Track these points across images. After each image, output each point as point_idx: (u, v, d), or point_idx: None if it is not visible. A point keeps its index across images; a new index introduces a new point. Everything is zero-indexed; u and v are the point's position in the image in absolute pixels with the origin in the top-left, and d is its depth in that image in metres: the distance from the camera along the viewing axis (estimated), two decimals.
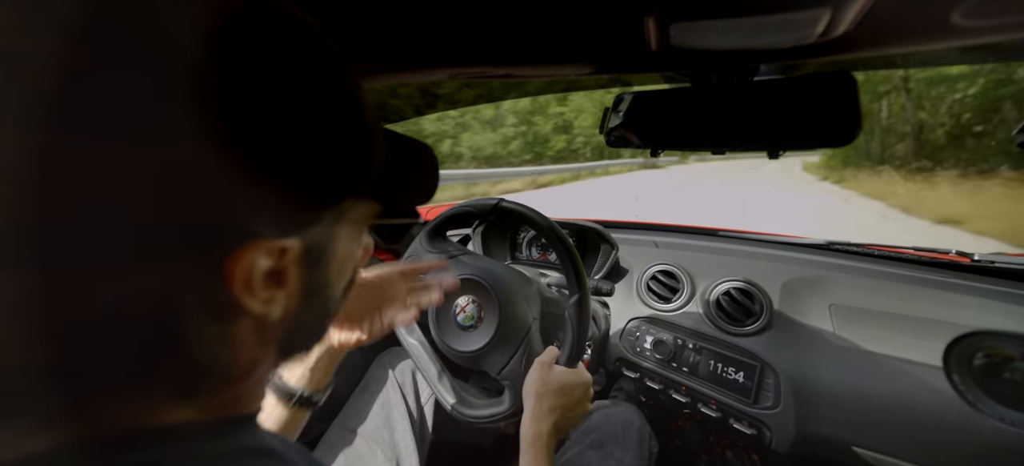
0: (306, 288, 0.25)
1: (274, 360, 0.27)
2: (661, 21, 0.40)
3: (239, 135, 0.18)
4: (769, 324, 0.82)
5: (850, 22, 0.37)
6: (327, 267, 0.26)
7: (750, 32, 0.42)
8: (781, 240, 1.04)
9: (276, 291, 0.22)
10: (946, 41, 0.40)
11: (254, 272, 0.20)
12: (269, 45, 0.19)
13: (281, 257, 0.21)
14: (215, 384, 0.23)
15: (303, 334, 0.28)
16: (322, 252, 0.25)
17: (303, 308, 0.25)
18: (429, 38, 0.51)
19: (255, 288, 0.20)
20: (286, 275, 0.22)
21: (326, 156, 0.22)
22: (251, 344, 0.23)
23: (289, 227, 0.21)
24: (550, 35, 0.49)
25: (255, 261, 0.20)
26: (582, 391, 0.57)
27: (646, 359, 0.91)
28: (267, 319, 0.22)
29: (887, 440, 0.69)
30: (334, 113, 0.22)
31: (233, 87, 0.18)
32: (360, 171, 0.24)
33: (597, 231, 1.08)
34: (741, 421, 0.80)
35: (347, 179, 0.24)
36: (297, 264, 0.23)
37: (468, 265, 0.72)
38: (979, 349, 0.67)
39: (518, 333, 0.66)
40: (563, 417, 0.55)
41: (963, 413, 0.64)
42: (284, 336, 0.26)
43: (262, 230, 0.20)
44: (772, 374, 0.78)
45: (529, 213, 0.67)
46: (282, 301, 0.23)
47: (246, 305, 0.21)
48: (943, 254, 0.86)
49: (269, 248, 0.20)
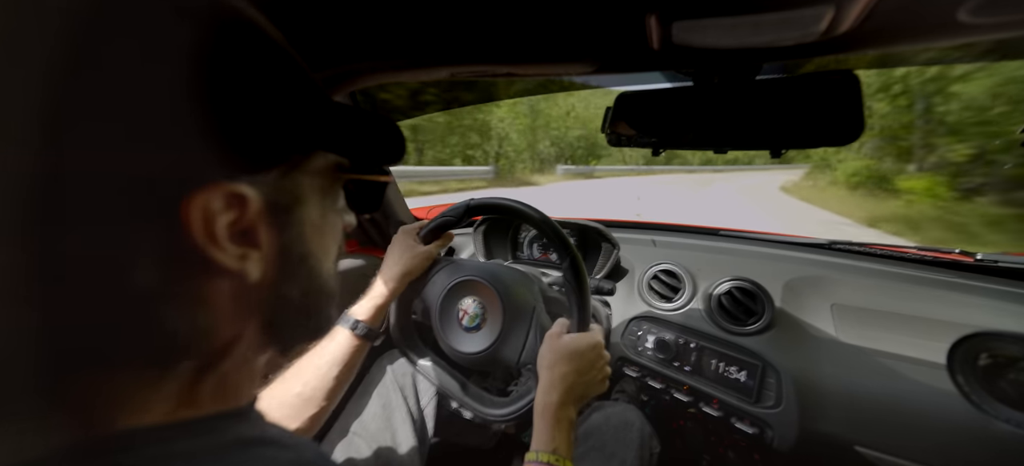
0: (282, 251, 0.25)
1: (262, 340, 0.26)
2: (663, 19, 0.40)
3: (184, 99, 0.19)
4: (771, 323, 0.82)
5: (853, 20, 0.36)
6: (301, 229, 0.26)
7: (752, 30, 0.42)
8: (783, 239, 1.04)
9: (248, 249, 0.22)
10: (952, 39, 0.40)
11: (216, 221, 0.20)
12: (221, 36, 0.20)
13: (242, 209, 0.21)
14: (195, 353, 0.22)
15: (293, 312, 0.27)
16: (289, 210, 0.25)
17: (284, 277, 0.25)
18: (430, 37, 0.51)
19: (219, 239, 0.20)
20: (256, 233, 0.23)
21: (262, 112, 0.22)
22: (229, 309, 0.23)
23: (238, 173, 0.22)
24: (552, 34, 0.49)
25: (211, 206, 0.20)
26: (593, 353, 0.55)
27: (648, 358, 0.91)
28: (244, 279, 0.22)
29: (890, 440, 0.69)
30: (267, 79, 0.23)
31: (186, 68, 0.19)
32: (298, 128, 0.25)
33: (598, 230, 1.07)
34: (743, 420, 0.80)
35: (288, 135, 0.24)
36: (264, 221, 0.23)
37: (461, 268, 0.71)
38: (984, 350, 0.66)
39: (525, 317, 0.66)
40: (579, 383, 0.53)
41: (967, 414, 0.64)
42: (270, 310, 0.26)
43: (211, 175, 0.20)
44: (774, 373, 0.78)
45: (504, 204, 0.66)
46: (257, 262, 0.23)
47: (214, 257, 0.21)
48: (946, 253, 0.86)
49: (224, 192, 0.20)
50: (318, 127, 0.26)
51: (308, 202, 0.26)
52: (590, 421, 0.75)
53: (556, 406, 0.50)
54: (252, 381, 0.28)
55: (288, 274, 0.26)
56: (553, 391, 0.51)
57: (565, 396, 0.51)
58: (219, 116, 0.20)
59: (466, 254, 1.20)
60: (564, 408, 0.50)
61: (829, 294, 0.83)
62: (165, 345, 0.21)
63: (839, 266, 0.88)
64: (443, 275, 0.72)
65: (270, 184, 0.23)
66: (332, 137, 0.27)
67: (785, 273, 0.88)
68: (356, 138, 0.29)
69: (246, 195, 0.21)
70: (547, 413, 0.50)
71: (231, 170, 0.21)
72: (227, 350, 0.24)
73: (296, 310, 0.27)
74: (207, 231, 0.20)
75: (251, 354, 0.26)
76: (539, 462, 0.46)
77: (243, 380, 0.26)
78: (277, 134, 0.23)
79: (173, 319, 0.21)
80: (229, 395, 0.25)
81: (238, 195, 0.21)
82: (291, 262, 0.26)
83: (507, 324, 0.65)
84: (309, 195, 0.27)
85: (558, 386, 0.51)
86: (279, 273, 0.25)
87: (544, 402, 0.51)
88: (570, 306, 0.61)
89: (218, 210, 0.20)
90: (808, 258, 0.93)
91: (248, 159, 0.22)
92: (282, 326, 0.27)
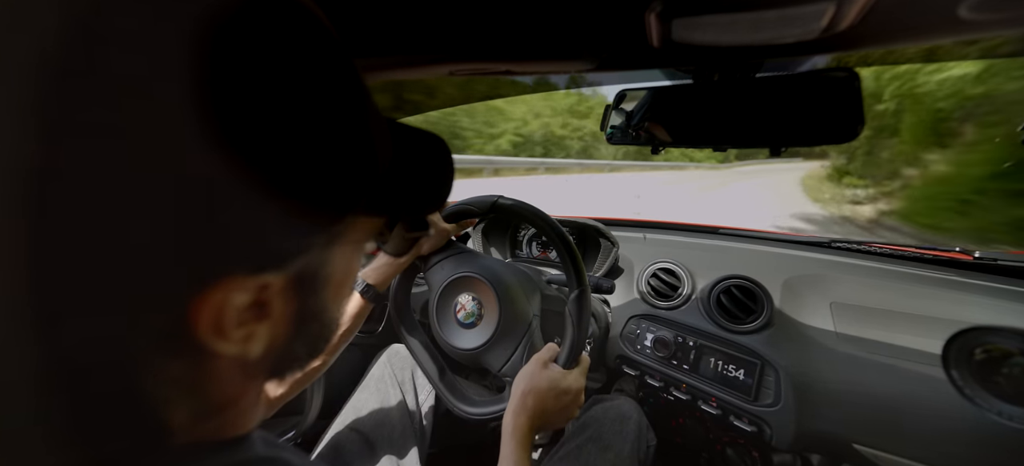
0: (298, 316, 0.22)
1: (263, 384, 0.25)
2: (663, 16, 0.40)
3: (214, 150, 0.15)
4: (770, 322, 0.82)
5: (854, 16, 0.36)
6: (322, 293, 0.23)
7: (753, 27, 0.41)
8: (782, 237, 1.04)
9: (256, 326, 0.19)
10: (953, 36, 0.40)
11: (226, 313, 0.17)
12: (262, 42, 0.16)
13: (262, 291, 0.18)
14: (192, 420, 0.20)
15: (295, 360, 0.25)
16: (314, 279, 0.22)
17: (294, 337, 0.23)
18: (430, 34, 0.51)
19: (227, 330, 0.18)
20: (269, 307, 0.19)
21: (316, 173, 0.18)
22: (231, 380, 0.21)
23: (270, 261, 0.18)
24: (552, 31, 0.49)
25: (226, 301, 0.17)
26: (570, 398, 0.57)
27: (646, 357, 0.91)
28: (247, 357, 0.20)
29: (887, 437, 0.69)
30: (329, 120, 0.18)
31: (215, 92, 0.15)
32: (359, 185, 0.20)
33: (597, 229, 1.07)
34: (741, 418, 0.80)
35: (343, 197, 0.19)
36: (283, 296, 0.20)
37: (468, 263, 0.71)
38: (978, 345, 0.66)
39: (519, 330, 0.66)
40: (548, 412, 0.55)
41: (962, 409, 0.64)
42: (273, 364, 0.23)
43: (233, 268, 0.17)
44: (772, 371, 0.78)
45: (530, 211, 0.66)
46: (265, 335, 0.20)
47: (218, 350, 0.18)
48: (945, 251, 0.86)
49: (244, 286, 0.17)
50: (364, 188, 0.21)
51: (336, 265, 0.23)
52: (588, 413, 0.76)
53: (524, 428, 0.52)
54: (254, 415, 0.26)
55: (298, 333, 0.23)
56: (523, 414, 0.53)
57: (532, 421, 0.53)
58: (254, 188, 0.16)
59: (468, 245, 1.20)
60: (530, 432, 0.53)
61: (828, 292, 0.83)
62: (154, 431, 0.18)
63: (838, 264, 0.88)
64: (450, 264, 0.72)
65: (302, 261, 0.20)
66: (388, 191, 0.23)
67: (784, 271, 0.88)
68: (408, 184, 0.25)
69: (269, 283, 0.18)
70: (516, 435, 0.52)
71: (261, 258, 0.18)
72: (228, 406, 0.23)
73: (298, 358, 0.25)
74: (214, 326, 0.17)
75: (255, 399, 0.25)
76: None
77: (245, 416, 0.25)
78: (329, 203, 0.19)
79: (162, 406, 0.18)
80: (230, 428, 0.24)
81: (263, 286, 0.18)
82: (305, 322, 0.23)
83: (500, 330, 0.65)
84: (340, 258, 0.23)
85: (529, 411, 0.53)
86: (289, 333, 0.22)
87: (515, 422, 0.53)
88: (565, 336, 0.61)
89: (234, 301, 0.17)
90: (807, 256, 0.93)
91: (285, 241, 0.18)
92: (282, 369, 0.25)
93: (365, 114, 0.20)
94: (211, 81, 0.14)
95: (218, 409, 0.22)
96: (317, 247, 0.20)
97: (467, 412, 0.65)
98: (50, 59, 0.13)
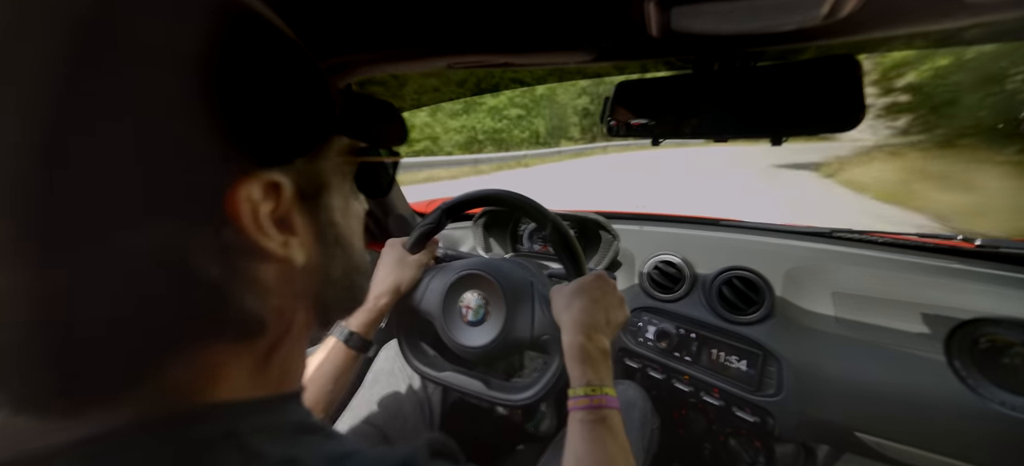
0: (318, 235, 0.27)
1: (312, 319, 0.29)
2: (662, 5, 0.40)
3: (217, 104, 0.20)
4: (772, 312, 0.82)
5: (856, 2, 0.36)
6: (330, 214, 0.28)
7: (753, 15, 0.41)
8: (783, 228, 1.03)
9: (289, 236, 0.24)
10: (955, 20, 0.39)
11: (259, 210, 0.22)
12: (240, 36, 0.21)
13: (278, 197, 0.23)
14: (267, 331, 0.24)
15: (336, 290, 0.30)
16: (317, 195, 0.27)
17: (325, 256, 0.28)
18: (427, 27, 0.50)
19: (264, 226, 0.22)
20: (292, 220, 0.24)
21: (282, 103, 0.24)
22: (281, 292, 0.25)
23: (268, 163, 0.23)
24: (549, 22, 0.49)
25: (253, 196, 0.21)
26: (600, 282, 0.56)
27: (648, 349, 0.91)
28: (291, 263, 0.24)
29: (889, 425, 0.69)
30: (282, 70, 0.24)
31: (213, 71, 0.20)
32: (317, 116, 0.26)
33: (598, 222, 1.07)
34: (744, 409, 0.80)
35: (309, 124, 0.26)
36: (297, 208, 0.25)
37: (451, 269, 0.71)
38: (981, 335, 0.66)
39: (526, 298, 0.66)
40: (598, 311, 0.53)
41: (964, 398, 0.64)
42: (317, 291, 0.28)
43: (246, 168, 0.21)
44: (775, 362, 0.78)
45: (477, 195, 0.67)
46: (300, 246, 0.25)
47: (262, 244, 0.22)
48: (947, 240, 0.86)
49: (262, 182, 0.22)
50: (333, 113, 0.28)
51: (332, 186, 0.28)
52: None
53: (582, 343, 0.50)
54: (302, 362, 0.30)
55: (329, 256, 0.28)
56: (575, 330, 0.51)
57: (589, 330, 0.51)
58: (241, 111, 0.21)
59: (466, 247, 1.20)
60: (591, 341, 0.50)
61: (830, 282, 0.83)
62: (240, 323, 0.23)
63: (840, 254, 0.88)
64: (438, 278, 0.71)
65: (298, 172, 0.25)
66: (346, 122, 0.29)
67: (786, 262, 0.88)
68: (365, 122, 0.31)
69: (280, 183, 0.23)
70: (573, 352, 0.50)
71: (260, 161, 0.22)
72: (288, 330, 0.27)
73: (340, 288, 0.30)
74: (254, 220, 0.21)
75: (304, 333, 0.29)
76: (576, 398, 0.46)
77: (297, 361, 0.29)
78: (298, 123, 0.25)
79: (243, 301, 0.22)
80: (287, 377, 0.28)
81: (274, 183, 0.23)
82: (328, 244, 0.28)
83: (511, 307, 0.65)
84: (332, 179, 0.28)
85: (579, 322, 0.51)
86: (321, 255, 0.27)
87: (569, 343, 0.51)
88: (565, 265, 0.61)
89: (259, 199, 0.22)
90: (809, 247, 0.92)
91: (275, 149, 0.23)
92: (328, 304, 0.29)
93: (312, 76, 0.26)
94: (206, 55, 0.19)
95: (280, 330, 0.26)
96: (306, 157, 0.26)
97: (525, 398, 0.63)
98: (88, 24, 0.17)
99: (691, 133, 0.63)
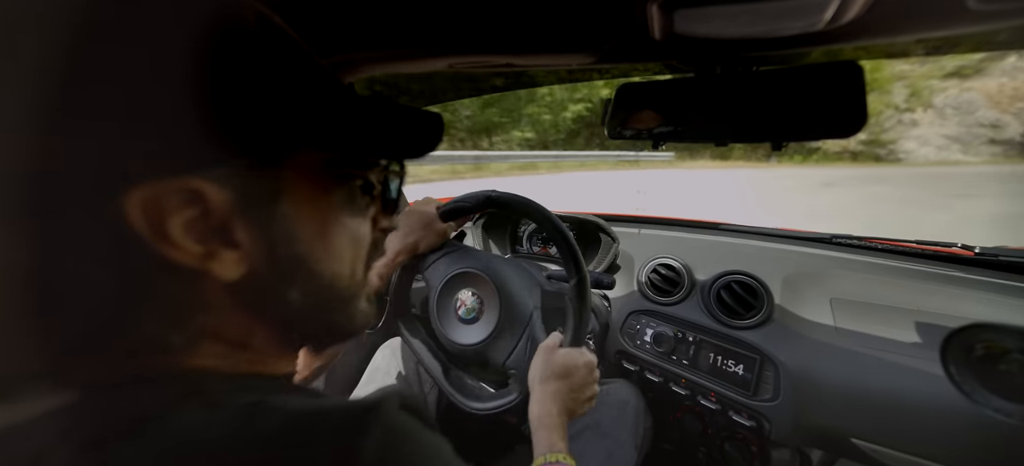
0: (270, 251, 0.23)
1: (283, 339, 0.27)
2: (666, 8, 0.40)
3: (124, 107, 0.18)
4: (769, 317, 0.82)
5: (860, 7, 0.36)
6: (290, 229, 0.24)
7: (756, 19, 0.41)
8: (782, 233, 1.03)
9: (219, 248, 0.21)
10: (960, 26, 0.39)
11: (166, 217, 0.19)
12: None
13: (202, 205, 0.20)
14: (173, 351, 0.22)
15: (298, 315, 0.26)
16: (269, 207, 0.23)
17: (279, 278, 0.24)
18: (429, 27, 0.50)
19: (172, 235, 0.19)
20: (230, 230, 0.21)
21: (219, 112, 0.20)
22: (225, 310, 0.23)
23: (196, 167, 0.20)
24: (552, 24, 0.48)
25: (160, 203, 0.19)
26: (586, 371, 0.57)
27: (646, 352, 0.91)
28: (216, 278, 0.21)
29: (885, 431, 0.69)
30: (258, 62, 0.21)
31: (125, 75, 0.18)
32: (267, 121, 0.21)
33: (597, 224, 1.07)
34: (740, 413, 0.80)
35: (252, 129, 0.21)
36: (239, 219, 0.22)
37: (466, 259, 0.71)
38: (977, 341, 0.66)
39: (520, 322, 0.66)
40: (570, 398, 0.54)
41: (960, 404, 0.64)
42: (277, 311, 0.25)
43: (158, 170, 0.19)
44: (772, 367, 0.78)
45: (524, 203, 0.66)
46: (235, 261, 0.22)
47: (170, 256, 0.20)
48: (946, 247, 0.86)
49: (176, 189, 0.19)
50: (302, 120, 0.23)
51: (296, 200, 0.24)
52: None
53: (556, 415, 0.52)
54: (285, 356, 0.28)
55: (282, 276, 0.24)
56: (549, 402, 0.53)
57: (561, 407, 0.53)
58: (153, 112, 0.18)
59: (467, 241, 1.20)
60: (561, 416, 0.53)
61: (828, 288, 0.83)
62: (145, 339, 0.21)
63: (839, 260, 0.88)
64: (447, 261, 0.72)
65: (240, 179, 0.21)
66: (325, 132, 0.24)
67: (784, 267, 0.88)
68: (366, 133, 0.26)
69: (203, 191, 0.20)
70: (547, 421, 0.51)
71: (186, 164, 0.19)
72: (243, 345, 0.25)
73: (302, 314, 0.26)
74: (156, 230, 0.19)
75: (273, 349, 0.27)
76: (548, 463, 0.48)
77: (272, 357, 0.27)
78: (243, 125, 0.21)
79: (140, 315, 0.20)
80: (264, 366, 0.26)
81: (194, 191, 0.20)
82: (282, 263, 0.24)
83: (501, 324, 0.65)
84: (296, 193, 0.24)
85: (554, 399, 0.53)
86: (271, 274, 0.24)
87: (541, 412, 0.52)
88: (567, 324, 0.61)
89: (171, 207, 0.19)
90: (808, 252, 0.92)
91: (201, 155, 0.20)
92: (296, 327, 0.27)
93: (265, 75, 0.22)
94: None
95: (234, 345, 0.24)
96: (247, 162, 0.22)
97: (474, 408, 0.65)
98: None
99: (692, 137, 0.63)
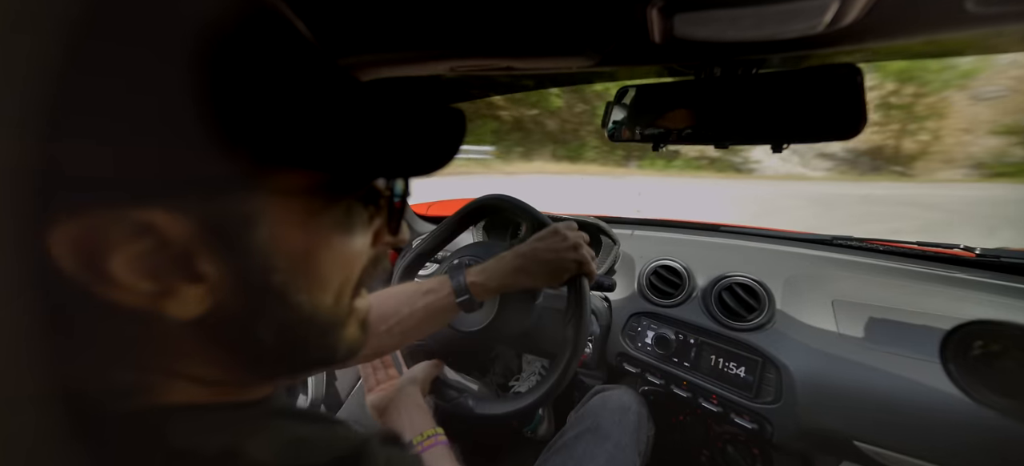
0: (242, 282, 0.20)
1: (257, 373, 0.24)
2: (665, 11, 0.40)
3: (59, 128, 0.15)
4: (771, 319, 0.82)
5: (859, 10, 0.36)
6: (267, 257, 0.21)
7: (756, 23, 0.41)
8: (784, 235, 1.03)
9: (180, 283, 0.19)
10: (959, 29, 0.39)
11: (107, 253, 0.16)
12: None
13: (155, 238, 0.17)
14: (149, 383, 0.21)
15: (273, 350, 0.23)
16: (243, 234, 0.20)
17: (248, 311, 0.21)
18: (430, 30, 0.50)
19: (113, 273, 0.17)
20: (193, 263, 0.18)
21: (167, 134, 0.16)
22: (184, 347, 0.21)
23: (150, 195, 0.17)
24: (552, 27, 0.49)
25: (100, 237, 0.16)
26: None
27: (647, 354, 0.91)
28: (180, 317, 0.19)
29: (888, 433, 0.69)
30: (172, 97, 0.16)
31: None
32: (244, 133, 0.18)
33: (598, 226, 1.07)
34: (742, 416, 0.80)
35: (223, 142, 0.17)
36: (205, 248, 0.19)
37: (464, 251, 0.73)
38: (977, 339, 0.66)
39: (525, 299, 0.69)
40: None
41: (960, 403, 0.64)
42: (246, 347, 0.22)
43: (101, 197, 0.16)
44: (773, 369, 0.78)
45: (515, 204, 0.67)
46: (198, 296, 0.19)
47: (118, 300, 0.17)
48: (947, 248, 0.86)
49: (122, 220, 0.17)
50: (286, 134, 0.19)
51: (276, 225, 0.21)
52: (588, 404, 0.76)
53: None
54: (264, 385, 0.26)
55: (253, 309, 0.21)
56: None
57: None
58: (110, 115, 0.15)
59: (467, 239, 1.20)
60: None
61: (830, 290, 0.83)
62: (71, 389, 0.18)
63: (840, 262, 0.88)
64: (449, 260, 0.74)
65: (206, 206, 0.18)
66: (315, 149, 0.20)
67: (786, 269, 0.88)
68: (370, 147, 0.21)
69: (155, 223, 0.17)
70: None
71: (135, 190, 0.17)
72: (212, 380, 0.22)
73: (276, 348, 0.23)
74: (90, 267, 0.16)
75: (249, 379, 0.24)
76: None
77: (255, 393, 0.25)
78: (209, 141, 0.17)
79: (98, 365, 0.19)
80: (240, 394, 0.25)
81: (144, 224, 0.17)
82: (255, 294, 0.21)
83: (505, 299, 0.67)
84: (276, 217, 0.21)
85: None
86: (241, 307, 0.21)
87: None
88: (567, 322, 0.61)
89: (113, 241, 0.17)
90: (809, 254, 0.92)
91: (160, 175, 0.17)
92: (267, 362, 0.24)
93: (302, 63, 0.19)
94: None
95: (201, 383, 0.22)
96: (212, 187, 0.18)
97: (520, 405, 0.61)
98: None
99: (691, 139, 0.63)
